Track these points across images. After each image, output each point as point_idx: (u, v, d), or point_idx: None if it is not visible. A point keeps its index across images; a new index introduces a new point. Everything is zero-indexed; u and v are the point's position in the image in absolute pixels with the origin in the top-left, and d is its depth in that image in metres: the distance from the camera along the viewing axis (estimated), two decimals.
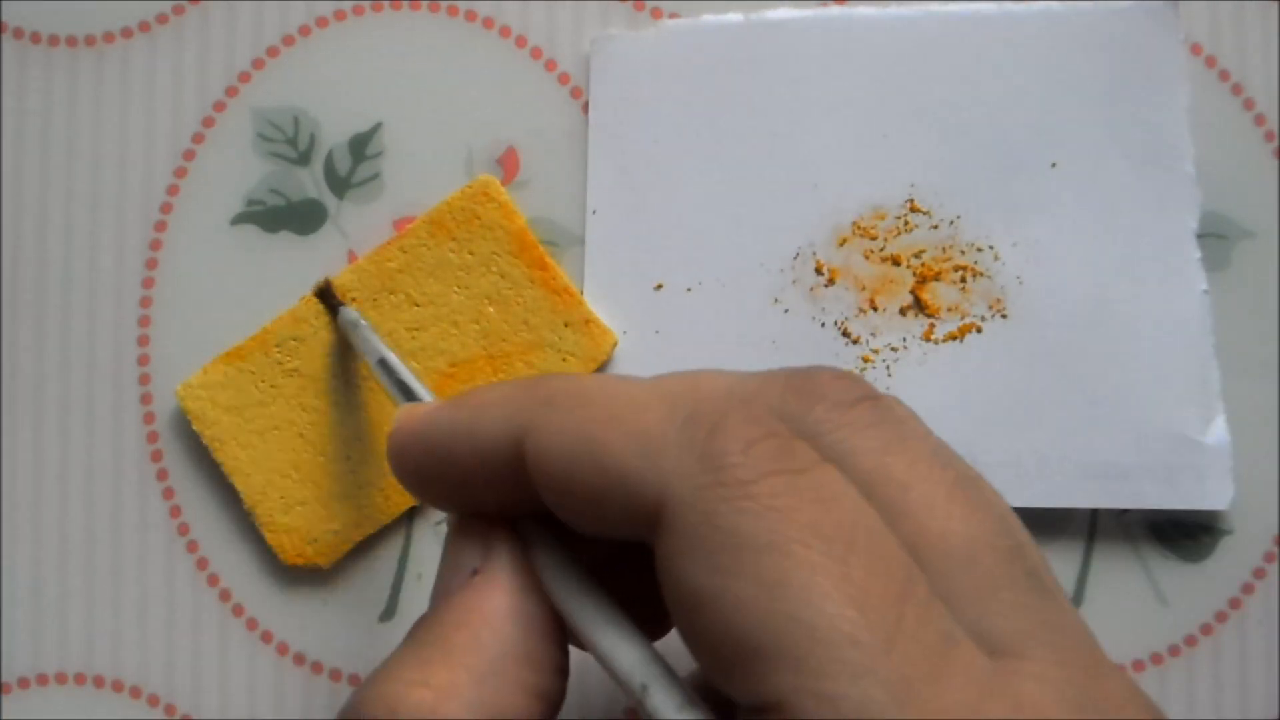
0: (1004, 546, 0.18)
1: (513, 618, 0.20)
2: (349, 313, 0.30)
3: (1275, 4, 0.33)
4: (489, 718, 0.19)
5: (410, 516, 0.32)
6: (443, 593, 0.21)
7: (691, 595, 0.17)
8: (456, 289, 0.32)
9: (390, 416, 0.31)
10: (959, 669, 0.17)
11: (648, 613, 0.20)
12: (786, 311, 0.32)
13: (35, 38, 0.34)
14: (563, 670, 0.20)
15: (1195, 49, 0.33)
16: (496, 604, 0.20)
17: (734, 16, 0.33)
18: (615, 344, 0.32)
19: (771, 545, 0.17)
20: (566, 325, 0.32)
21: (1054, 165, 0.32)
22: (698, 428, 0.18)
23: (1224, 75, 0.33)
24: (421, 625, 0.20)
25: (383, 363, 0.28)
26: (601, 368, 0.32)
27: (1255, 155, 0.32)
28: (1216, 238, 0.32)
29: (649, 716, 0.18)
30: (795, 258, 0.32)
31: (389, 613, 0.32)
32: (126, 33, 0.33)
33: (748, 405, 0.19)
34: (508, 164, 0.33)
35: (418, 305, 0.32)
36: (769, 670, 0.17)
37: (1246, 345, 0.32)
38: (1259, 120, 0.32)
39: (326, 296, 0.31)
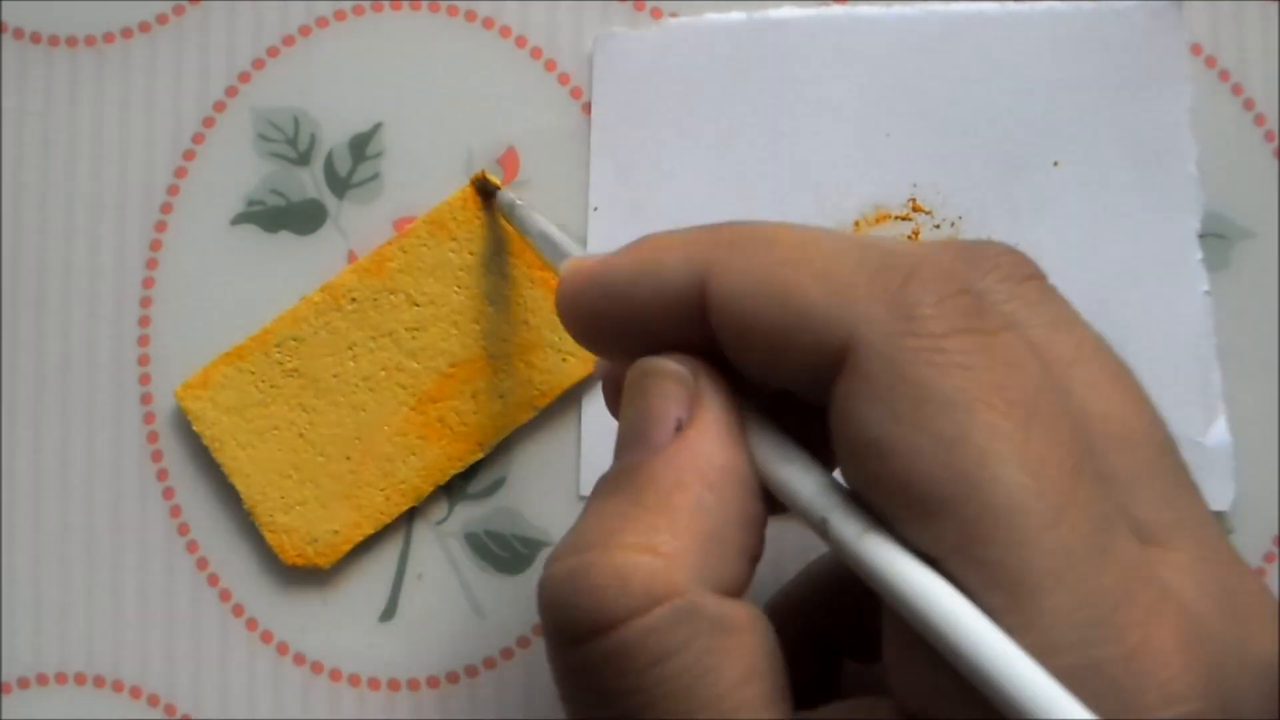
0: (1159, 438, 0.18)
1: (730, 476, 0.19)
2: (505, 195, 0.31)
3: (1275, 4, 0.33)
4: (713, 586, 0.18)
5: (410, 517, 0.32)
6: (643, 445, 0.19)
7: (867, 442, 0.17)
8: (457, 289, 0.32)
9: (393, 415, 0.32)
10: (1115, 551, 0.16)
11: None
12: None
13: (35, 38, 0.34)
14: (765, 523, 0.20)
15: (1195, 49, 0.33)
16: (713, 461, 0.19)
17: (737, 15, 0.33)
18: None
19: (956, 402, 0.17)
20: None
21: (1056, 164, 0.32)
22: (891, 275, 0.18)
23: (1224, 75, 0.33)
24: (631, 482, 0.19)
25: (543, 235, 0.27)
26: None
27: (1255, 155, 0.32)
28: (1216, 238, 0.32)
29: (832, 545, 0.18)
30: None
31: (389, 613, 0.32)
32: (126, 33, 0.33)
33: (933, 262, 0.18)
34: (508, 164, 0.33)
35: (418, 305, 0.32)
36: (934, 526, 0.17)
37: (1246, 345, 0.32)
38: (1259, 120, 0.32)
39: (484, 187, 0.32)
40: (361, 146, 0.33)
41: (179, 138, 0.33)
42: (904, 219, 0.32)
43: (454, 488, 0.32)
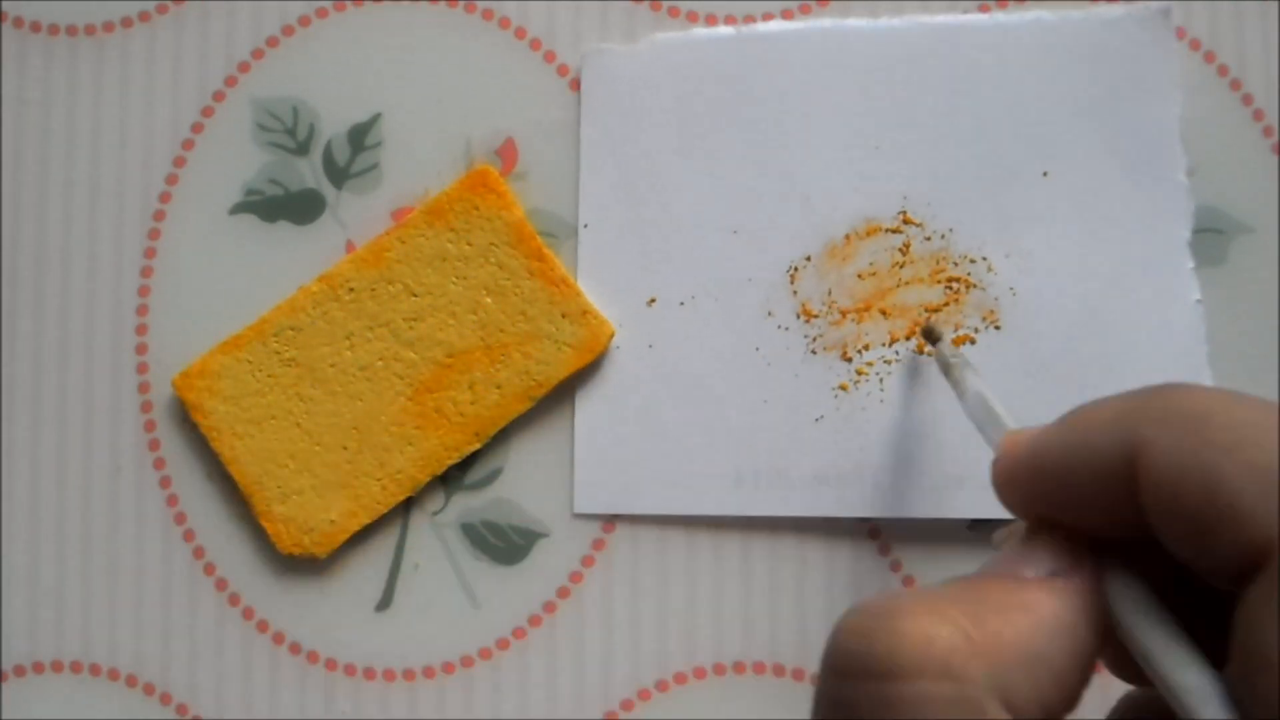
0: None
1: (1068, 640, 0.19)
2: (947, 348, 0.30)
3: (1275, 2, 0.33)
4: (1000, 702, 0.18)
5: (407, 507, 0.32)
6: (1011, 569, 0.20)
7: (1257, 650, 0.17)
8: (454, 279, 0.32)
9: (390, 405, 0.32)
10: None
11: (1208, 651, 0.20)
12: (780, 326, 0.32)
13: (35, 27, 0.34)
14: (1073, 705, 0.19)
15: (1194, 44, 0.33)
16: (1061, 617, 0.19)
17: (725, 29, 0.33)
18: (612, 335, 0.32)
19: None
20: (564, 316, 0.32)
21: (1046, 175, 0.32)
22: None
23: (1223, 70, 0.33)
24: (983, 584, 0.19)
25: (981, 403, 0.27)
26: (598, 359, 0.32)
27: (1253, 150, 0.32)
28: (1214, 233, 0.32)
29: None
30: (788, 270, 0.32)
31: (385, 602, 0.32)
32: (126, 22, 0.34)
33: None
34: (506, 155, 0.33)
35: (415, 295, 0.32)
36: None
37: (1242, 340, 0.32)
38: (1257, 115, 0.32)
39: (930, 333, 0.31)
40: (360, 137, 0.33)
41: (178, 127, 0.33)
42: (895, 231, 0.32)
43: (450, 478, 0.32)
